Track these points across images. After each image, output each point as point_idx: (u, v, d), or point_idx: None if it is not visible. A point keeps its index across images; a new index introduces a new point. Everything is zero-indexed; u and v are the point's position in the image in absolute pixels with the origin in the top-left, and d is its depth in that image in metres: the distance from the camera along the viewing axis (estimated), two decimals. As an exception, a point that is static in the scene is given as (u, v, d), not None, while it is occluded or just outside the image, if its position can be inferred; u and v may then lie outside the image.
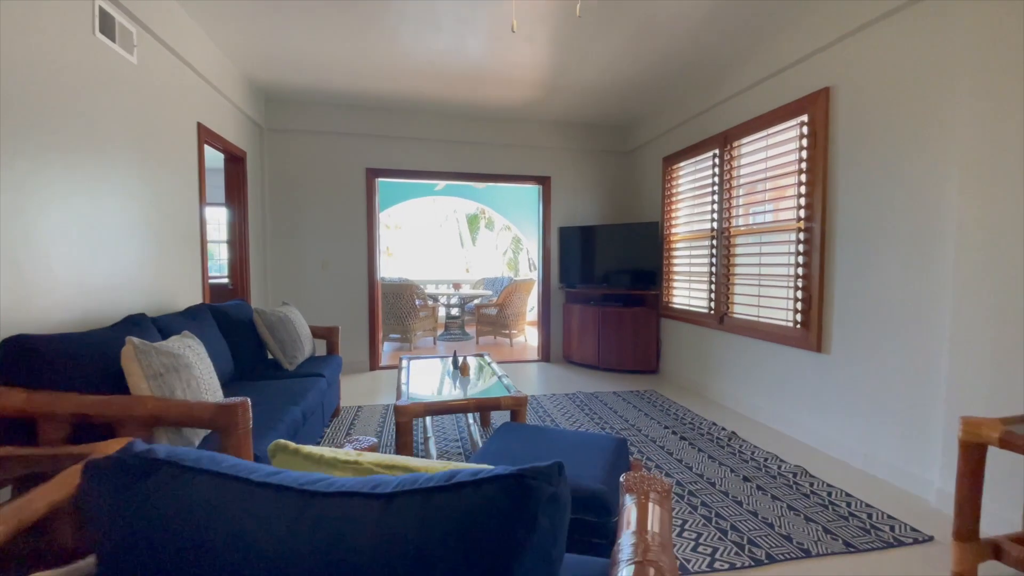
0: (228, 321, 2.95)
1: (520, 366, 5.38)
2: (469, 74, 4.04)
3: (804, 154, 3.16)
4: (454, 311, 7.72)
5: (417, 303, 6.68)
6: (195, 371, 1.85)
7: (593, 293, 5.23)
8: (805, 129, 3.16)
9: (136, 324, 2.13)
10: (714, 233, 4.06)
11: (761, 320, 3.55)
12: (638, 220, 5.36)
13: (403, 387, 2.50)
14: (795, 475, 2.65)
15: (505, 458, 1.65)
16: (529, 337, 7.25)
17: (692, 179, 4.41)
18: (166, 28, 2.89)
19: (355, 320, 5.06)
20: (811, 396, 3.11)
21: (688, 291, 4.51)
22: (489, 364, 3.16)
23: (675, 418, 3.58)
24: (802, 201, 3.17)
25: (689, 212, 4.50)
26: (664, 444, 3.07)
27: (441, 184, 7.39)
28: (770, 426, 3.42)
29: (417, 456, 2.70)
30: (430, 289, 8.70)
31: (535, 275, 7.23)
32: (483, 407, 2.21)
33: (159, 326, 2.28)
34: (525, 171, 5.39)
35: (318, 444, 2.88)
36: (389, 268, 12.64)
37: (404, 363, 3.21)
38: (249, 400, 1.72)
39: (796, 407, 3.23)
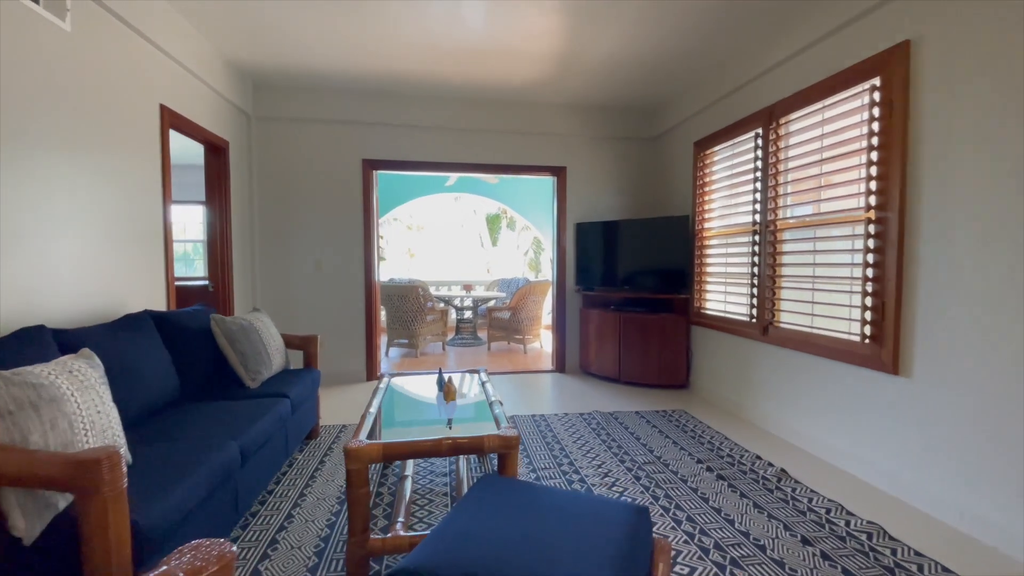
0: (176, 331, 2.53)
1: (532, 378, 4.84)
2: (472, 47, 3.54)
3: (875, 127, 2.53)
4: (467, 314, 7.25)
5: (428, 305, 6.23)
6: (68, 406, 1.40)
7: (614, 296, 4.66)
8: (877, 95, 2.53)
9: (27, 340, 1.70)
10: (756, 227, 3.45)
11: (816, 332, 2.93)
12: (665, 214, 4.75)
13: (367, 417, 2.01)
14: (870, 536, 2.04)
15: (465, 549, 1.13)
16: (545, 343, 6.70)
17: (729, 165, 3.80)
18: (106, -11, 2.48)
19: (351, 325, 4.63)
20: (884, 429, 2.49)
21: (724, 295, 3.90)
22: (483, 385, 2.65)
23: (710, 448, 2.99)
24: (872, 186, 2.55)
25: (725, 203, 3.89)
26: (697, 485, 2.50)
27: (452, 179, 6.94)
28: (829, 463, 2.80)
29: (378, 512, 2.22)
30: (443, 291, 8.25)
31: (552, 276, 6.71)
32: (460, 450, 1.70)
33: (63, 341, 1.85)
34: (538, 161, 4.86)
35: (273, 481, 2.42)
36: (411, 270, 12.47)
37: (382, 382, 2.73)
38: (120, 450, 1.26)
39: (864, 441, 2.60)
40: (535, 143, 4.84)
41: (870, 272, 2.55)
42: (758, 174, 3.43)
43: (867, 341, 2.57)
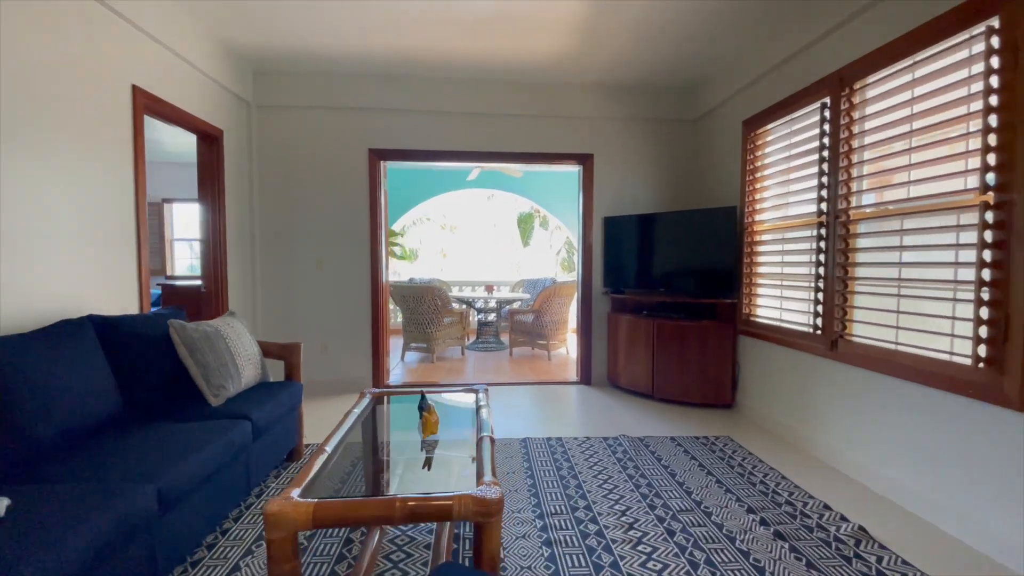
0: (127, 340, 2.18)
1: (553, 391, 4.34)
2: (483, 15, 3.08)
3: (993, 81, 1.91)
4: (490, 316, 6.81)
5: (450, 307, 5.83)
6: None
7: (647, 300, 4.10)
8: (995, 40, 1.91)
9: None
10: (823, 218, 2.84)
11: (902, 350, 2.31)
12: (708, 205, 4.15)
13: (318, 460, 1.57)
14: (1002, 645, 1.45)
15: None
16: (572, 350, 6.16)
17: (786, 145, 3.19)
18: (47, -54, 2.16)
19: (356, 329, 4.26)
20: (1008, 485, 1.86)
21: (779, 300, 3.29)
22: (477, 411, 2.18)
23: (763, 490, 2.42)
24: (990, 159, 1.93)
25: (782, 191, 3.28)
26: (750, 548, 1.95)
27: (474, 173, 6.51)
28: (924, 520, 2.18)
29: None
30: (467, 292, 7.85)
31: (581, 277, 6.03)
32: (419, 517, 1.24)
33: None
34: (562, 147, 4.35)
35: (232, 518, 2.01)
36: (444, 270, 12.40)
37: (360, 404, 2.29)
38: None
39: (976, 498, 1.98)
40: (559, 128, 4.34)
41: (987, 274, 1.93)
42: (825, 153, 2.82)
43: (981, 365, 1.94)
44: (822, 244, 2.84)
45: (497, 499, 1.27)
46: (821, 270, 2.84)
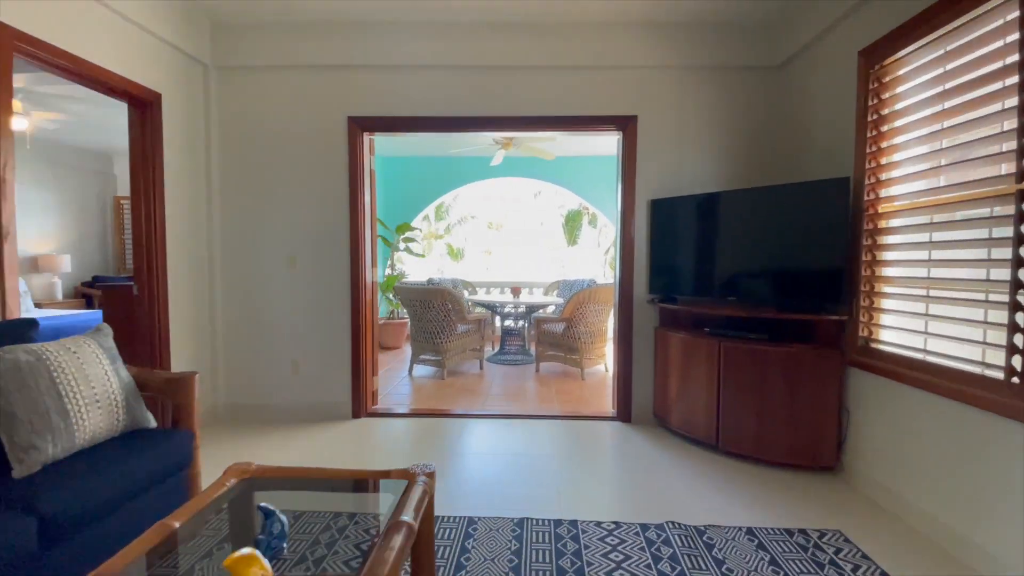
0: None
1: (579, 430, 3.31)
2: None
3: None
4: (519, 323, 5.85)
5: (472, 311, 4.94)
6: None
7: (709, 313, 2.98)
8: None
9: None
10: (1014, 190, 1.67)
11: None
12: (800, 179, 2.97)
13: None
14: None
15: None
16: (611, 365, 5.09)
17: (938, 76, 2.02)
18: None
19: (334, 341, 3.44)
20: None
21: (923, 319, 2.12)
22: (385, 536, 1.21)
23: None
24: None
25: (928, 152, 2.11)
26: None
27: (497, 157, 5.56)
28: None
29: None
30: (494, 294, 6.92)
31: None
32: None
33: None
34: (595, 109, 3.31)
35: None
36: (490, 269, 12.00)
37: (224, 488, 1.40)
38: None
39: None
40: (590, 83, 3.31)
41: None
42: (1020, 83, 1.65)
43: None
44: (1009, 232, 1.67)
45: None
46: (1018, 273, 1.67)
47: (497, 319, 6.00)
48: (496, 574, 1.73)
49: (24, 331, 1.81)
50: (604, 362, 5.00)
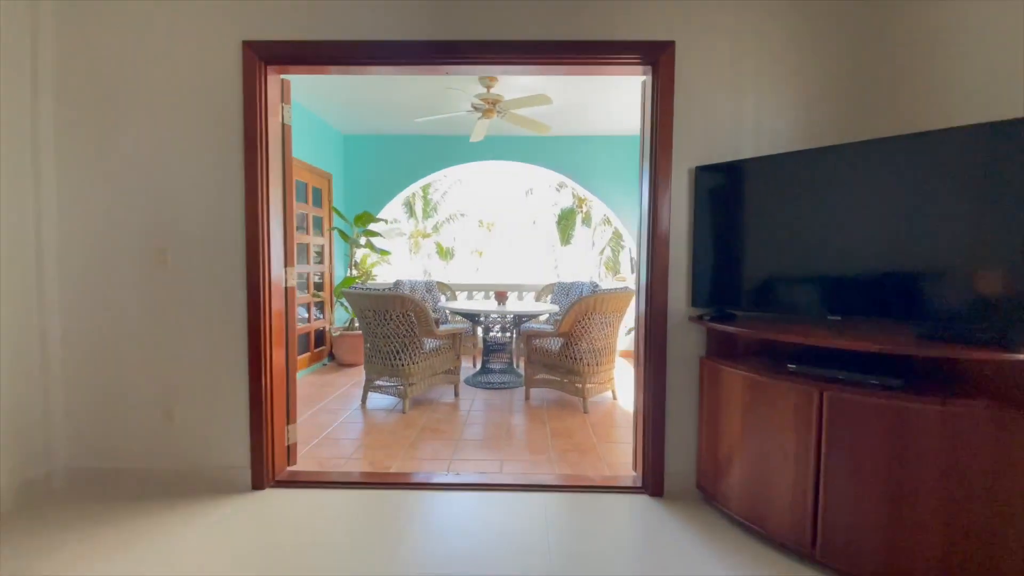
0: None
1: (589, 505, 2.23)
2: None
3: None
4: (506, 334, 4.75)
5: (442, 324, 3.84)
6: None
7: (797, 339, 1.89)
8: None
9: None
10: None
11: None
12: (937, 126, 1.88)
13: None
14: None
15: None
16: (624, 392, 4.02)
17: None
18: None
19: (225, 376, 2.33)
20: None
21: None
22: None
23: None
24: None
25: None
26: None
27: (479, 130, 4.45)
28: None
29: None
30: (477, 300, 5.83)
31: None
32: None
33: None
34: (611, 32, 2.24)
35: None
36: (480, 272, 11.05)
37: None
38: None
39: None
40: (605, -7, 2.23)
41: None
42: None
43: None
44: None
45: None
46: None
47: (480, 328, 4.90)
48: None
49: None
50: (612, 387, 3.93)
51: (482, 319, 4.55)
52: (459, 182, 21.01)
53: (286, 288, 2.46)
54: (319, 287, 5.21)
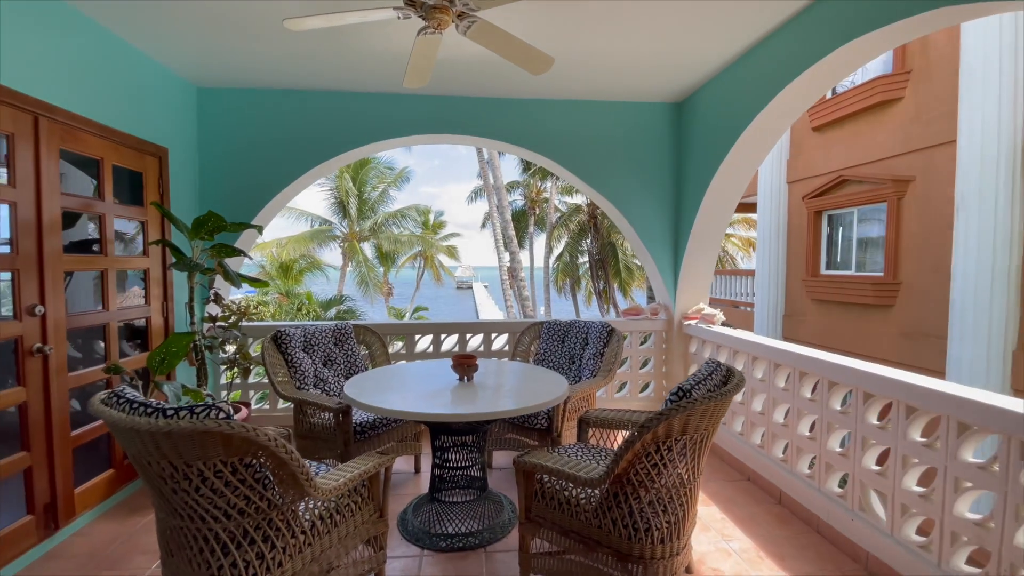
0: None
1: None
2: None
3: None
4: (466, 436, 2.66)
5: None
6: None
7: None
8: None
9: None
10: None
11: None
12: None
13: None
14: None
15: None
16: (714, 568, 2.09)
17: None
18: None
19: None
20: None
21: None
22: None
23: None
24: None
25: None
26: None
27: (417, 65, 2.39)
28: None
29: None
30: (414, 342, 3.77)
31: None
32: None
33: None
34: None
35: None
36: (424, 283, 9.04)
37: None
38: None
39: None
40: None
41: None
42: None
43: None
44: None
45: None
46: None
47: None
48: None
49: None
50: (688, 560, 2.00)
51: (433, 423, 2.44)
52: (406, 176, 18.49)
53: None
54: (140, 345, 2.95)
